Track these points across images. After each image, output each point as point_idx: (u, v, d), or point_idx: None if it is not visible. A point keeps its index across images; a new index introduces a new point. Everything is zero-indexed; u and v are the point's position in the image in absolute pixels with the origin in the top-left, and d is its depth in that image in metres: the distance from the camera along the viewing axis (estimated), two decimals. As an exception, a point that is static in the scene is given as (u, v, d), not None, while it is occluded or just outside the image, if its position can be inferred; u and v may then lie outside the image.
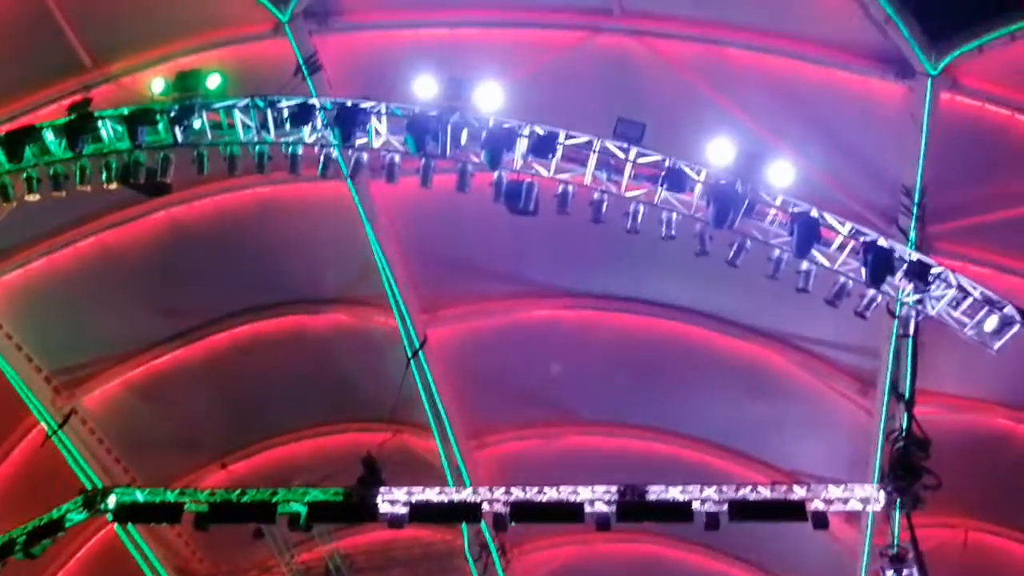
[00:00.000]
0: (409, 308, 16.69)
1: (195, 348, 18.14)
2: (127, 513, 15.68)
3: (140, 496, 15.58)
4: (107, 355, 18.19)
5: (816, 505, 13.30)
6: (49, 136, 12.87)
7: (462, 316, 17.26)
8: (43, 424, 18.13)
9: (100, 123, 12.67)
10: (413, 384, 17.19)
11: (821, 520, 13.28)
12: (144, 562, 19.64)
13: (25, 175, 12.98)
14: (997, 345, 11.58)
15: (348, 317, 17.57)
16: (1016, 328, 11.51)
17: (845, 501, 13.32)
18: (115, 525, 18.80)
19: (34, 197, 13.13)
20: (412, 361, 16.79)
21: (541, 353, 17.15)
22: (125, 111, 12.68)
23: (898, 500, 13.17)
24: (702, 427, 17.54)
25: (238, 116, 12.47)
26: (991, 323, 11.46)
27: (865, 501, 13.27)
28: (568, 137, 11.66)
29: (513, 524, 14.33)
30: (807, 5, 13.03)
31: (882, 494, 13.23)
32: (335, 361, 18.15)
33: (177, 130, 12.47)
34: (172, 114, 12.44)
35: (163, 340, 18.05)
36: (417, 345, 16.85)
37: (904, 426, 13.56)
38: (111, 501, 15.52)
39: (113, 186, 12.94)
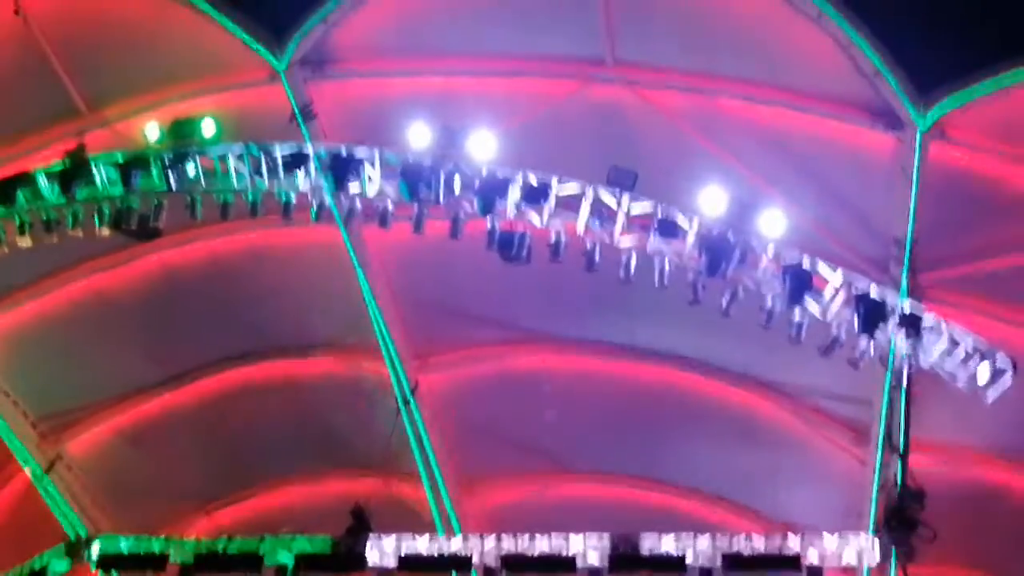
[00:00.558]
0: (400, 355, 16.63)
1: (184, 394, 18.00)
2: (111, 561, 15.43)
3: (124, 544, 15.35)
4: (95, 400, 18.03)
5: (811, 558, 13.19)
6: (43, 181, 12.90)
7: (453, 363, 17.20)
8: (27, 470, 17.92)
9: (94, 169, 12.72)
10: (403, 432, 17.07)
11: (816, 574, 13.17)
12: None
13: (18, 220, 12.99)
14: (991, 396, 11.58)
15: (338, 364, 17.48)
16: (1008, 378, 11.53)
17: (840, 553, 13.20)
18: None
19: (26, 242, 13.14)
20: (403, 408, 16.70)
21: (532, 401, 17.05)
22: (120, 158, 12.73)
23: (893, 552, 13.06)
24: (695, 477, 17.41)
25: (232, 162, 12.54)
26: (983, 373, 11.48)
27: (860, 553, 13.15)
28: (561, 183, 11.73)
29: (504, 576, 14.18)
30: (797, 57, 13.19)
31: (877, 546, 13.13)
32: (324, 408, 18.02)
33: (171, 176, 12.52)
34: (166, 160, 12.50)
35: (152, 385, 17.91)
36: (408, 392, 16.76)
37: (898, 477, 13.49)
38: (95, 549, 15.30)
39: (105, 232, 12.95)
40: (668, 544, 13.57)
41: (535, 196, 11.77)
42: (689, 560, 13.38)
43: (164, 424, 18.19)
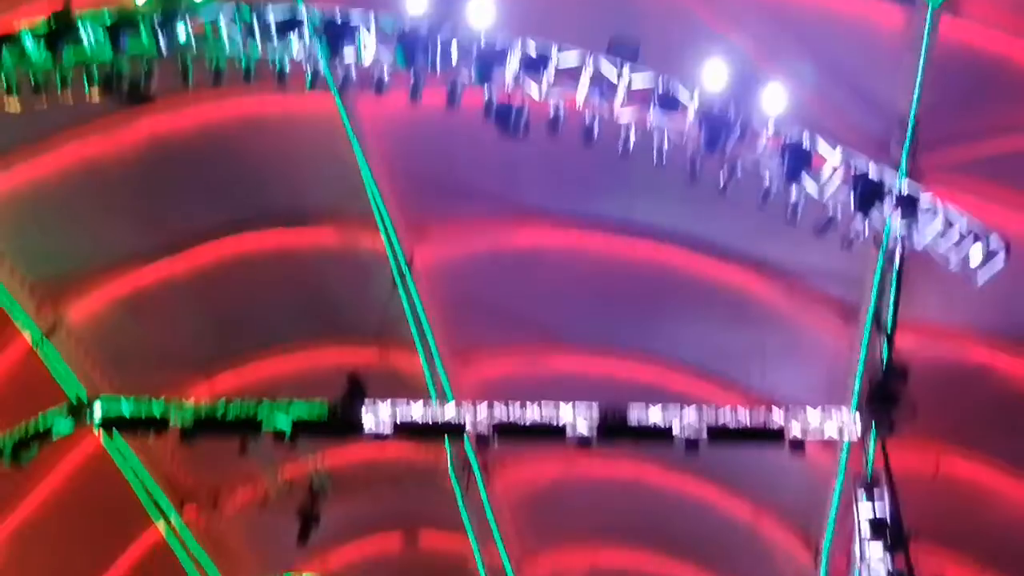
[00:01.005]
0: (395, 227, 16.63)
1: (180, 263, 18.02)
2: (113, 423, 15.82)
3: (125, 406, 15.70)
4: (91, 268, 18.05)
5: (794, 431, 13.57)
6: (28, 42, 12.55)
7: (449, 236, 17.21)
8: (27, 334, 18.12)
9: (81, 29, 12.36)
10: (398, 304, 17.24)
11: (798, 446, 13.59)
12: (131, 473, 19.87)
13: (4, 83, 12.71)
14: (982, 279, 11.70)
15: (333, 235, 17.47)
16: (1000, 260, 11.62)
17: (822, 427, 13.57)
18: (101, 437, 19.10)
19: (14, 106, 12.88)
20: (398, 281, 16.81)
21: (527, 276, 17.17)
22: (107, 18, 12.35)
23: (873, 428, 13.45)
24: (684, 352, 17.72)
25: (223, 26, 12.19)
26: (976, 255, 11.56)
27: (841, 428, 13.53)
28: (561, 52, 11.48)
29: (496, 444, 14.60)
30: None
31: (858, 421, 13.50)
32: (320, 279, 18.12)
33: (160, 39, 12.19)
34: (155, 22, 12.14)
35: (148, 254, 17.91)
36: (403, 264, 16.84)
37: (884, 356, 13.76)
38: (97, 410, 15.65)
39: (95, 96, 12.69)
40: (655, 416, 13.93)
41: (534, 66, 11.53)
42: (675, 431, 13.76)
43: (161, 293, 18.28)
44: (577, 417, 14.08)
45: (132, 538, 21.71)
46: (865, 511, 12.94)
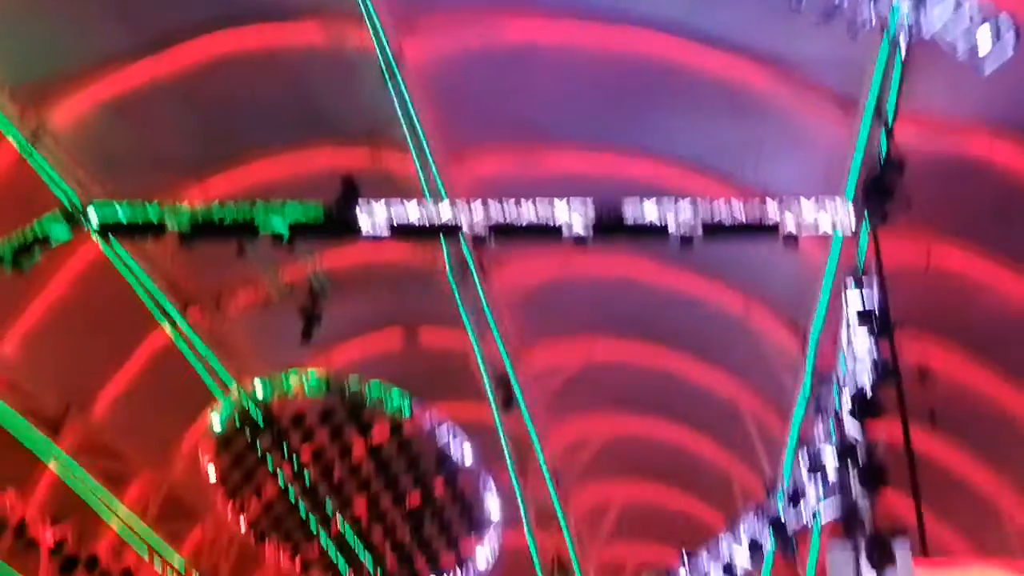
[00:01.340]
0: (382, 21, 16.02)
1: (164, 63, 17.50)
2: (111, 229, 15.83)
3: (121, 211, 15.67)
4: (73, 69, 17.54)
5: (788, 225, 13.62)
6: None
7: (439, 29, 16.62)
8: (12, 141, 17.83)
9: None
10: (390, 103, 16.89)
11: (792, 240, 13.66)
12: (132, 277, 20.14)
13: None
14: (990, 66, 11.40)
15: (320, 31, 16.85)
16: (1009, 47, 11.28)
17: (816, 220, 13.61)
18: (100, 244, 19.21)
19: None
20: (387, 77, 16.38)
21: (521, 71, 16.72)
22: None
23: (867, 219, 13.51)
24: (681, 148, 17.52)
25: None
26: (984, 40, 11.21)
27: (835, 220, 13.57)
28: None
29: (492, 242, 14.70)
30: None
31: (852, 214, 13.53)
32: (308, 79, 17.63)
33: None
34: None
35: (130, 54, 17.36)
36: (392, 60, 16.36)
37: (882, 147, 13.64)
38: (92, 215, 15.64)
39: None
40: (651, 212, 13.92)
41: None
42: (670, 227, 13.81)
43: (146, 94, 17.85)
44: (573, 215, 14.07)
45: (139, 341, 22.34)
46: (854, 301, 13.18)
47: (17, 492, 19.70)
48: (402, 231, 14.84)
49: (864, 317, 12.95)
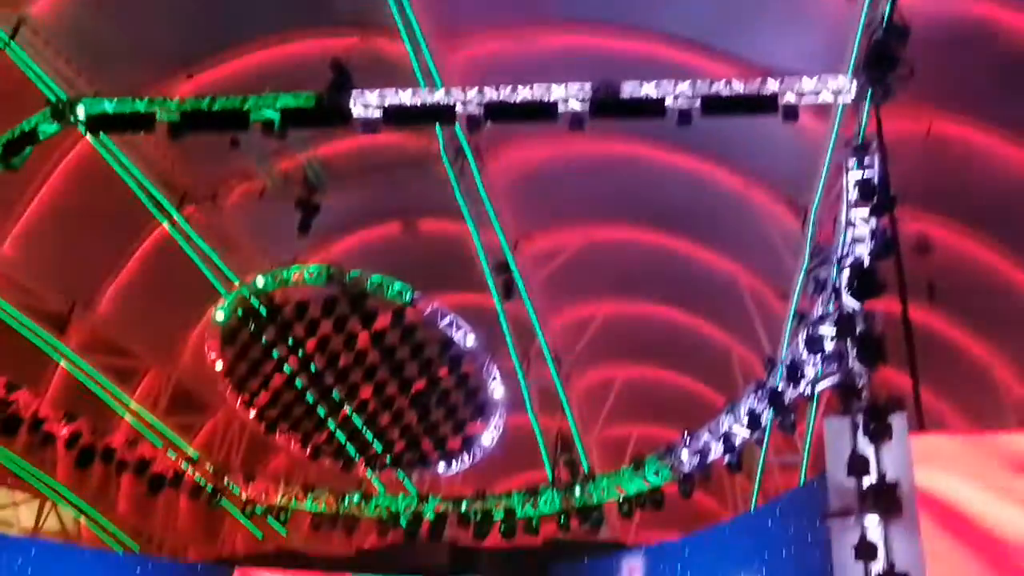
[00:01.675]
0: None
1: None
2: (99, 123, 15.61)
3: (109, 106, 15.42)
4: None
5: (788, 98, 13.39)
6: None
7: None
8: (-8, 37, 17.41)
9: None
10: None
11: (792, 112, 13.45)
12: (126, 173, 19.96)
13: None
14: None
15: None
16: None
17: (817, 93, 13.37)
18: (91, 139, 18.97)
19: None
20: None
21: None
22: None
23: (869, 90, 13.26)
24: (679, 22, 17.03)
25: None
26: None
27: (837, 92, 13.33)
28: None
29: (487, 125, 14.48)
30: None
31: (854, 84, 13.27)
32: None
33: None
34: None
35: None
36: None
37: (885, 15, 13.27)
38: (80, 111, 15.40)
39: None
40: (649, 89, 13.69)
41: None
42: (669, 103, 13.59)
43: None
44: (569, 94, 13.84)
45: (138, 236, 22.33)
46: (854, 174, 13.06)
47: (30, 390, 20.04)
48: (396, 116, 14.63)
49: (864, 190, 12.85)
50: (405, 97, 14.54)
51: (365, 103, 14.50)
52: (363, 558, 20.89)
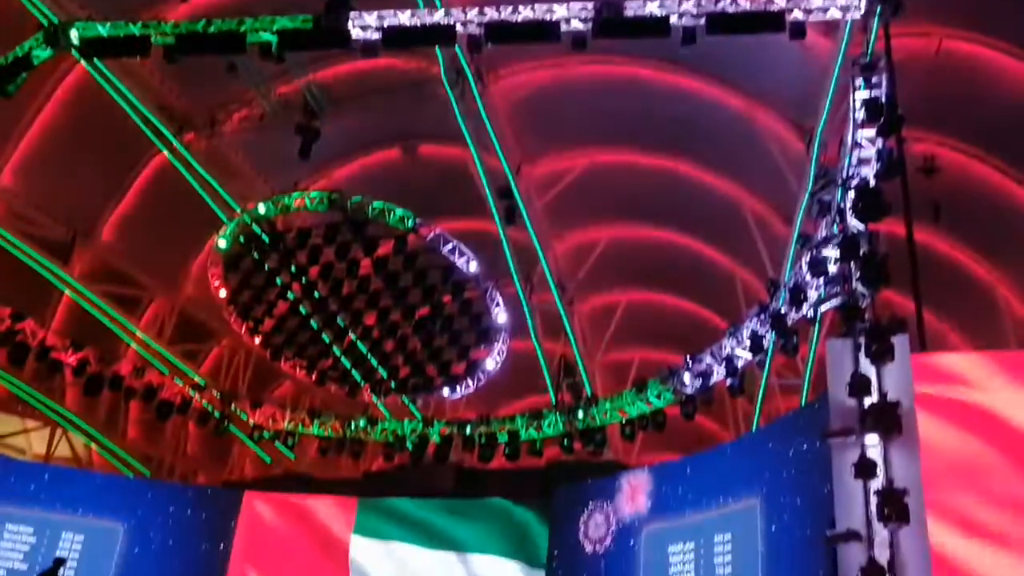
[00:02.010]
0: None
1: None
2: (93, 47, 15.37)
3: (103, 30, 15.16)
4: None
5: (795, 15, 13.12)
6: None
7: None
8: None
9: None
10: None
11: (799, 30, 13.19)
12: (121, 99, 19.71)
13: None
14: None
15: None
16: None
17: (825, 9, 13.09)
18: (86, 65, 18.69)
19: None
20: None
21: None
22: None
23: (878, 6, 12.99)
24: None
25: None
26: None
27: (845, 8, 13.05)
28: None
29: (488, 46, 14.24)
30: None
31: (863, 0, 12.99)
32: None
33: None
34: None
35: None
36: None
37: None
38: (73, 36, 15.14)
39: None
40: (652, 7, 13.42)
41: None
42: (673, 21, 13.33)
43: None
44: (571, 14, 13.57)
45: (137, 164, 22.16)
46: (861, 94, 12.87)
47: (36, 320, 20.14)
48: (395, 38, 14.38)
49: (871, 110, 12.69)
50: (404, 18, 14.28)
51: (364, 25, 14.24)
52: (370, 481, 21.24)
